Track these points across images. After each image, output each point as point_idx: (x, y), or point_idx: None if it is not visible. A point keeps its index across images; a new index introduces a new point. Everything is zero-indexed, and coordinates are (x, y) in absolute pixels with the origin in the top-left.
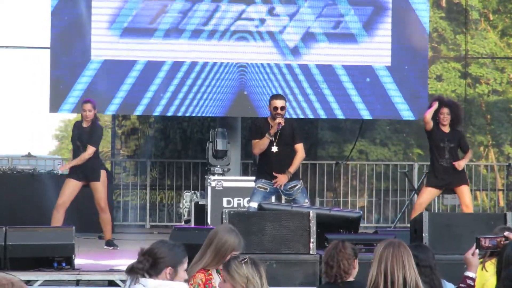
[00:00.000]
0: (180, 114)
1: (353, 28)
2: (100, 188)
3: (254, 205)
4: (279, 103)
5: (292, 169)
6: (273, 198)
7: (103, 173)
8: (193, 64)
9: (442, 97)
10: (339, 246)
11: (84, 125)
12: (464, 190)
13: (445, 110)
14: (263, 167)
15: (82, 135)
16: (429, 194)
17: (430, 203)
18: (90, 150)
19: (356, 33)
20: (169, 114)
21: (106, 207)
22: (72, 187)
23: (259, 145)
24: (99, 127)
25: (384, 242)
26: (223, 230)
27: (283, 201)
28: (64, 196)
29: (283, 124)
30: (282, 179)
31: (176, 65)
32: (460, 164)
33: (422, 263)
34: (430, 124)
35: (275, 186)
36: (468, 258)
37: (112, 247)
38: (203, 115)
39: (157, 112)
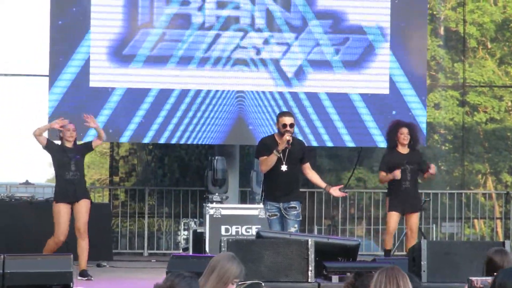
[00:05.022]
0: (178, 142)
1: (352, 56)
2: (83, 212)
3: None
4: (288, 120)
5: (323, 182)
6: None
7: (87, 202)
8: (191, 92)
9: (399, 120)
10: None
11: (69, 145)
12: (414, 216)
13: (405, 130)
14: (270, 187)
15: (77, 156)
16: (397, 218)
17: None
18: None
19: (355, 61)
20: (163, 141)
21: (85, 233)
22: (66, 213)
23: (267, 161)
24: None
25: (379, 270)
26: (225, 258)
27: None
28: (63, 227)
29: (291, 141)
30: (342, 193)
31: (173, 93)
32: (433, 167)
33: None
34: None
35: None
36: None
37: (86, 278)
38: (201, 142)
39: (149, 140)
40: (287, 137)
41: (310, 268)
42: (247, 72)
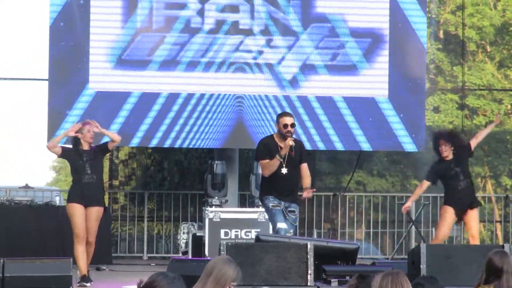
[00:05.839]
0: (177, 146)
1: (350, 59)
2: (93, 220)
3: (283, 225)
4: (288, 120)
5: (309, 184)
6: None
7: (100, 209)
8: (190, 96)
9: (439, 132)
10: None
11: (85, 147)
12: (474, 215)
13: (444, 143)
14: (270, 189)
15: (93, 158)
16: (451, 222)
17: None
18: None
19: (354, 64)
20: (166, 146)
21: (93, 241)
22: (79, 210)
23: (269, 166)
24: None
25: (381, 273)
26: (222, 261)
27: None
28: (81, 226)
29: (293, 145)
30: (310, 194)
31: (173, 97)
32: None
33: None
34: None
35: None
36: None
37: (88, 283)
38: (201, 146)
39: (153, 144)
40: (290, 142)
41: (309, 272)
42: (247, 75)
